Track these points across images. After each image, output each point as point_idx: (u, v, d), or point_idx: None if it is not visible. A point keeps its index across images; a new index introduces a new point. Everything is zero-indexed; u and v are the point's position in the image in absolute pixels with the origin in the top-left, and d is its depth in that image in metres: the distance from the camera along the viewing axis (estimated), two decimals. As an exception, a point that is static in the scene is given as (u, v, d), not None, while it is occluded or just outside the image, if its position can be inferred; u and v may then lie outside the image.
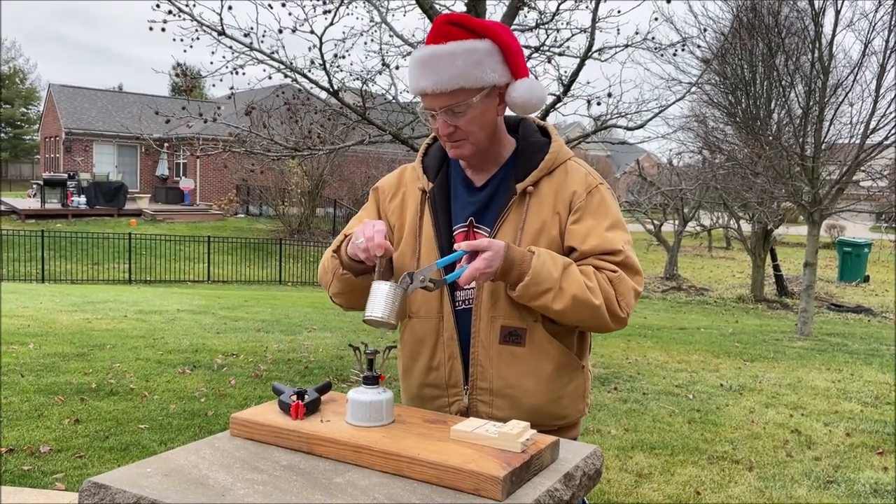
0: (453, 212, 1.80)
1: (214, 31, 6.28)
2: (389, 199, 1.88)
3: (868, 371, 7.61)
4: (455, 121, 1.68)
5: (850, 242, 20.80)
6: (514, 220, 1.73)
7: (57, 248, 17.80)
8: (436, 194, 1.81)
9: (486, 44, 1.65)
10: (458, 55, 1.63)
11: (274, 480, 1.34)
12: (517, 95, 1.70)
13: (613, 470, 4.26)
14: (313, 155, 7.41)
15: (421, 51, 1.67)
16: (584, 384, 1.82)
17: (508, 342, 1.72)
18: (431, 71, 1.64)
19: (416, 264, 1.78)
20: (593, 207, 1.73)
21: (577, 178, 1.76)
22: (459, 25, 1.67)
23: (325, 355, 7.12)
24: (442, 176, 1.83)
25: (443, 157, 1.85)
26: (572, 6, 7.21)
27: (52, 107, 31.99)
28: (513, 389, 1.73)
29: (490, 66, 1.65)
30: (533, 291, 1.61)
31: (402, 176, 1.90)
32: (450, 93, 1.64)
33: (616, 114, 7.41)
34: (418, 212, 1.81)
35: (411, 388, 1.87)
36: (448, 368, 1.78)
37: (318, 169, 24.48)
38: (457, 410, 1.78)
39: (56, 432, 4.41)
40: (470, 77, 1.64)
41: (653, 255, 23.14)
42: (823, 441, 5.00)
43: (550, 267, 1.61)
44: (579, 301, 1.62)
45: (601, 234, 1.69)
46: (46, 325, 7.86)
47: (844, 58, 12.45)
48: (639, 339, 9.27)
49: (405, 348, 1.87)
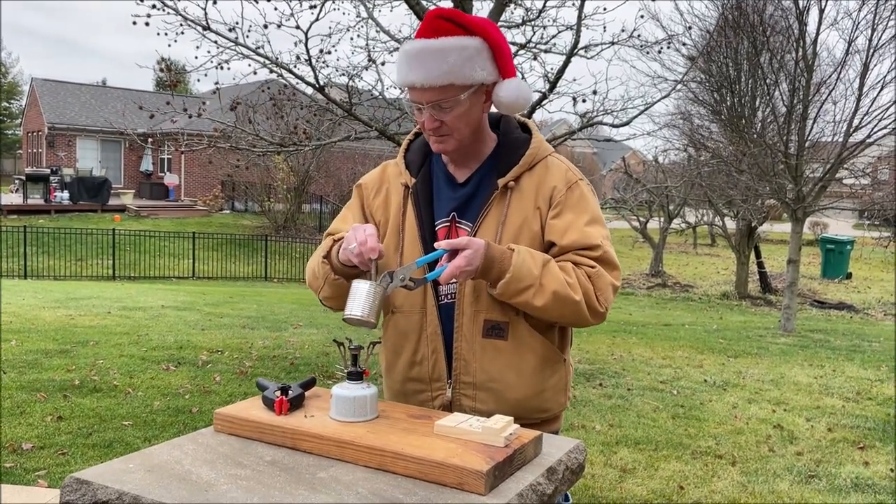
0: (436, 207, 1.80)
1: (199, 26, 6.24)
2: (374, 196, 1.88)
3: (850, 367, 7.69)
4: (441, 116, 1.68)
5: (833, 240, 21.00)
6: (495, 215, 1.74)
7: (39, 243, 17.62)
8: (419, 190, 1.81)
9: (476, 41, 1.66)
10: (449, 51, 1.63)
11: (257, 476, 1.33)
12: (504, 95, 1.71)
13: (598, 465, 4.28)
14: (299, 151, 7.39)
15: (411, 44, 1.67)
16: (565, 377, 1.84)
17: (491, 336, 1.73)
18: (421, 65, 1.64)
19: (400, 260, 1.78)
20: (573, 202, 1.74)
21: (558, 174, 1.77)
22: (451, 21, 1.67)
23: (311, 352, 7.11)
24: (424, 171, 1.83)
25: (425, 153, 1.86)
26: (558, 3, 7.23)
27: (35, 101, 31.66)
28: (496, 383, 1.74)
29: (480, 63, 1.66)
30: (514, 288, 1.62)
31: (385, 172, 1.91)
32: (439, 88, 1.65)
33: (602, 111, 7.44)
34: (401, 207, 1.82)
35: (394, 384, 1.87)
36: (431, 363, 1.78)
37: (303, 165, 24.38)
38: (440, 405, 1.79)
39: (38, 429, 4.38)
40: (459, 74, 1.64)
41: (638, 251, 23.25)
42: (805, 436, 5.05)
43: (530, 264, 1.62)
44: (560, 297, 1.63)
45: (580, 229, 1.71)
46: (29, 322, 7.79)
47: (828, 56, 12.62)
48: (624, 335, 9.32)
49: (388, 343, 1.87)
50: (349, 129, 7.27)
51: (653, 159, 21.72)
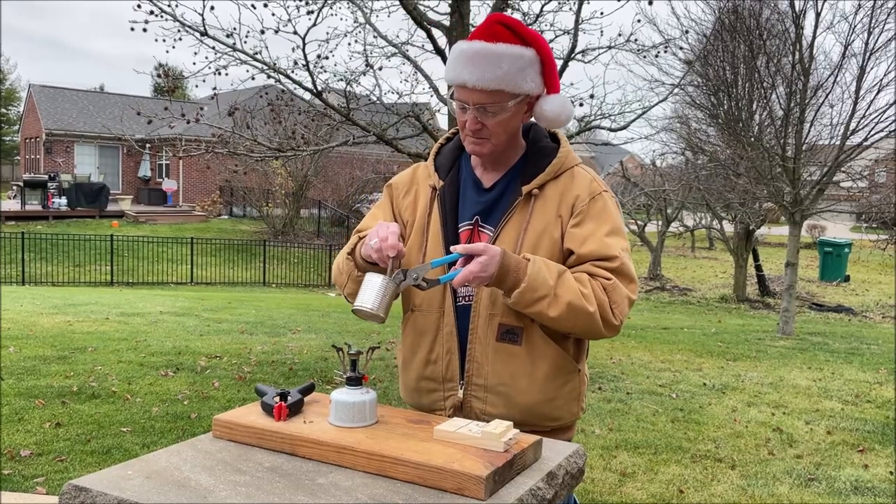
0: (461, 210, 1.83)
1: (197, 32, 6.25)
2: (403, 196, 1.92)
3: (849, 370, 7.69)
4: (485, 119, 1.71)
5: (831, 242, 21.01)
6: (517, 221, 1.76)
7: (37, 250, 17.60)
8: (445, 192, 1.84)
9: (531, 52, 1.70)
10: (505, 58, 1.67)
11: (256, 482, 1.33)
12: (549, 109, 1.75)
13: (598, 469, 4.28)
14: (297, 156, 7.39)
15: (469, 44, 1.70)
16: (579, 387, 1.84)
17: (505, 340, 1.75)
18: (476, 66, 1.67)
19: (423, 259, 1.82)
20: (595, 212, 1.76)
21: (582, 184, 1.79)
22: (509, 28, 1.71)
23: (310, 357, 7.10)
24: (453, 175, 1.87)
25: (455, 157, 1.89)
26: (556, 8, 7.26)
27: (33, 107, 31.65)
28: (507, 387, 1.76)
29: (531, 75, 1.70)
30: (529, 298, 1.63)
31: (415, 173, 1.94)
32: (489, 91, 1.68)
33: (599, 115, 7.46)
34: (427, 208, 1.85)
35: (410, 381, 1.90)
36: (445, 363, 1.81)
37: (302, 170, 24.37)
38: (451, 405, 1.81)
39: (37, 436, 4.37)
40: (511, 82, 1.68)
41: (636, 255, 23.26)
42: (805, 439, 5.05)
43: (546, 274, 1.64)
44: (574, 308, 1.64)
45: (600, 239, 1.72)
46: (27, 328, 7.78)
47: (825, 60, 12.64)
48: (623, 339, 9.32)
49: (406, 340, 1.90)
50: (347, 133, 7.27)
51: (650, 163, 21.77)
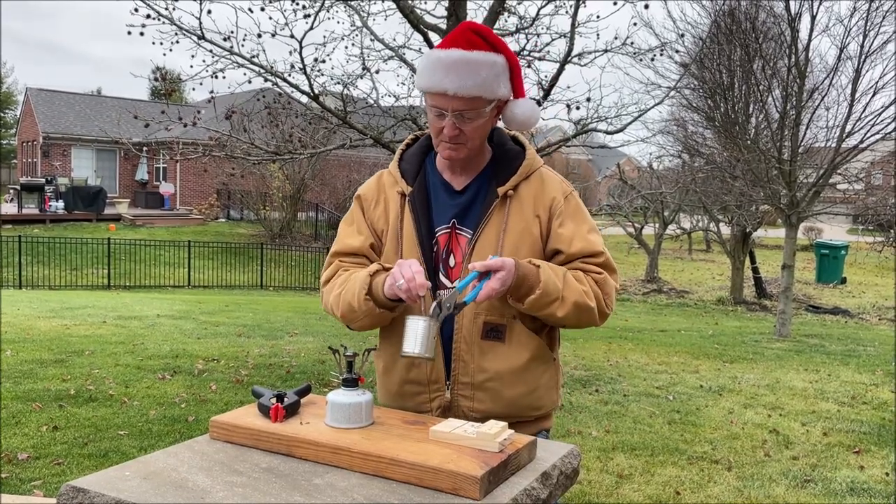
0: (434, 214, 1.86)
1: (194, 35, 6.26)
2: (373, 207, 1.92)
3: (845, 371, 7.71)
4: (463, 125, 1.76)
5: (828, 245, 21.05)
6: (496, 222, 1.81)
7: (34, 253, 17.57)
8: (416, 197, 1.86)
9: (502, 59, 1.76)
10: (483, 65, 1.72)
11: (253, 482, 1.34)
12: (520, 112, 1.82)
13: (594, 471, 4.28)
14: (294, 159, 7.40)
15: (447, 52, 1.73)
16: (556, 375, 1.91)
17: (490, 338, 1.79)
18: (456, 74, 1.71)
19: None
20: (571, 212, 1.85)
21: (554, 185, 1.87)
22: (482, 36, 1.76)
23: (307, 360, 7.10)
24: (420, 179, 1.89)
25: (419, 163, 1.91)
26: (552, 11, 7.28)
27: (30, 110, 31.62)
28: (493, 383, 1.79)
29: (503, 81, 1.77)
30: (543, 302, 1.70)
31: (380, 181, 1.95)
32: (468, 98, 1.73)
33: (596, 118, 7.48)
34: (399, 214, 1.87)
35: (392, 386, 1.89)
36: (430, 364, 1.81)
37: (299, 173, 24.36)
38: (438, 406, 1.82)
39: (34, 439, 4.37)
40: (488, 88, 1.73)
41: (634, 257, 23.28)
42: (801, 441, 5.06)
43: (554, 278, 1.72)
44: (579, 306, 1.74)
45: (584, 237, 1.82)
46: (24, 332, 7.77)
47: (820, 62, 12.67)
48: (620, 341, 9.33)
49: (386, 346, 1.89)
50: (344, 137, 7.29)
51: (647, 165, 21.82)
